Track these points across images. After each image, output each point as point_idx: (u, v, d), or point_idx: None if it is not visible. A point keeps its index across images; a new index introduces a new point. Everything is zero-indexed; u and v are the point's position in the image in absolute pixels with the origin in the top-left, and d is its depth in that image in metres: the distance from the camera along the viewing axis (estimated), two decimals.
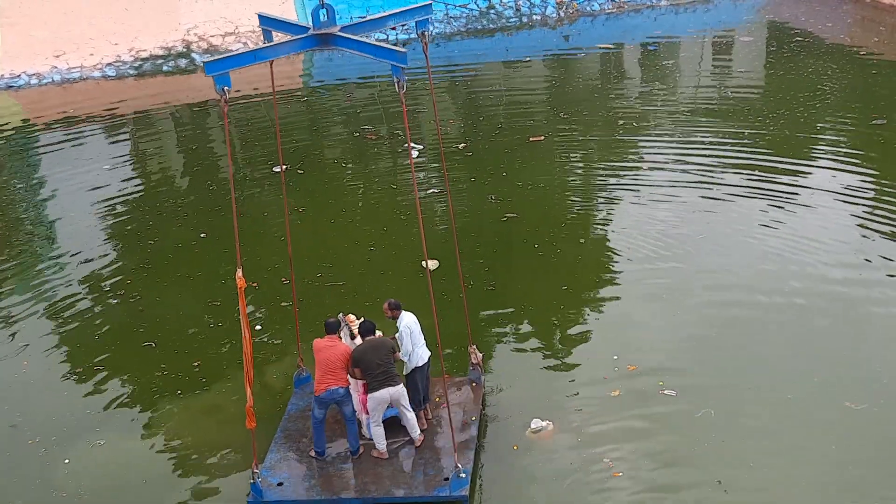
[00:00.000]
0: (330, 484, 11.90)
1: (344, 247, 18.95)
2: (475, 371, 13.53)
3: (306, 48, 10.83)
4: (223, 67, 9.97)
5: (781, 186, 20.23)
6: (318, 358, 12.01)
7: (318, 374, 11.98)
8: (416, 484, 11.73)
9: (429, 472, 11.86)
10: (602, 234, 18.86)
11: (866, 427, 12.65)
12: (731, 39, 33.87)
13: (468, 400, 13.14)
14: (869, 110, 24.78)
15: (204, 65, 10.10)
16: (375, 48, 10.39)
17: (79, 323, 16.85)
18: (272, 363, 15.16)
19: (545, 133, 24.61)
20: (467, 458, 11.97)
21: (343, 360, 11.95)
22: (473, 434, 12.47)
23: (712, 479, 11.90)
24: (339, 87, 30.83)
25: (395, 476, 11.89)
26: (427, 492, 11.58)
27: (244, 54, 10.46)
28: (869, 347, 14.44)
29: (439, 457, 12.06)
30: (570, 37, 35.57)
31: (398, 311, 12.58)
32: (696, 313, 15.69)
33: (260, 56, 10.55)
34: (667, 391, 13.62)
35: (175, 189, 23.26)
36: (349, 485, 11.86)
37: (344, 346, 12.26)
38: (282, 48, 10.71)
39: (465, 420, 12.70)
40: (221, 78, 9.93)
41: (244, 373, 11.20)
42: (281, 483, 11.93)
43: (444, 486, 11.55)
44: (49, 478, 12.91)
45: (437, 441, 12.37)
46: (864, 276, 16.48)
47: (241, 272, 10.85)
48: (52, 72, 33.06)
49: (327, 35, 10.55)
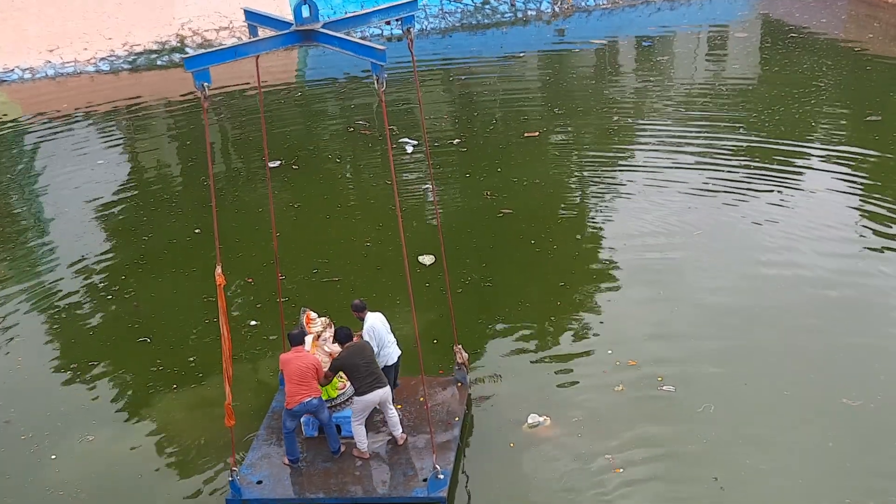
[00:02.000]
0: (310, 483, 11.84)
1: (339, 242, 18.91)
2: (460, 371, 13.44)
3: (288, 44, 10.76)
4: (202, 63, 9.91)
5: (777, 181, 20.27)
6: (288, 370, 11.77)
7: (290, 387, 11.75)
8: (396, 484, 11.69)
9: (408, 473, 11.82)
10: (598, 230, 18.85)
11: (863, 423, 12.66)
12: (726, 35, 33.87)
13: (452, 400, 13.07)
14: (863, 106, 24.80)
15: (184, 61, 10.04)
16: (355, 45, 10.34)
17: (73, 318, 16.79)
18: (268, 358, 15.10)
19: (540, 129, 24.60)
20: (447, 459, 11.89)
21: (314, 369, 11.78)
22: (456, 435, 12.41)
23: (709, 476, 11.91)
24: (334, 82, 30.74)
25: (375, 476, 11.85)
26: (406, 492, 11.54)
27: (224, 50, 10.32)
28: (865, 344, 14.45)
29: (420, 457, 12.01)
30: (565, 31, 35.55)
31: (363, 312, 12.65)
32: (693, 310, 15.69)
33: (241, 52, 10.43)
34: (666, 386, 13.61)
35: (169, 184, 23.19)
36: (329, 484, 11.79)
37: (312, 356, 12.11)
38: (263, 44, 10.61)
39: (448, 421, 12.64)
40: (201, 74, 9.86)
41: (223, 370, 11.08)
42: (260, 481, 11.85)
43: (422, 486, 11.51)
44: (40, 475, 12.86)
45: (417, 441, 12.32)
46: (860, 271, 16.52)
47: (221, 269, 10.75)
48: (46, 66, 32.92)
49: (309, 31, 10.51)
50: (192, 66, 9.85)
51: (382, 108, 10.84)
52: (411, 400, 12.99)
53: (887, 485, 11.63)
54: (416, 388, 12.96)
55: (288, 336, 12.11)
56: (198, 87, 9.88)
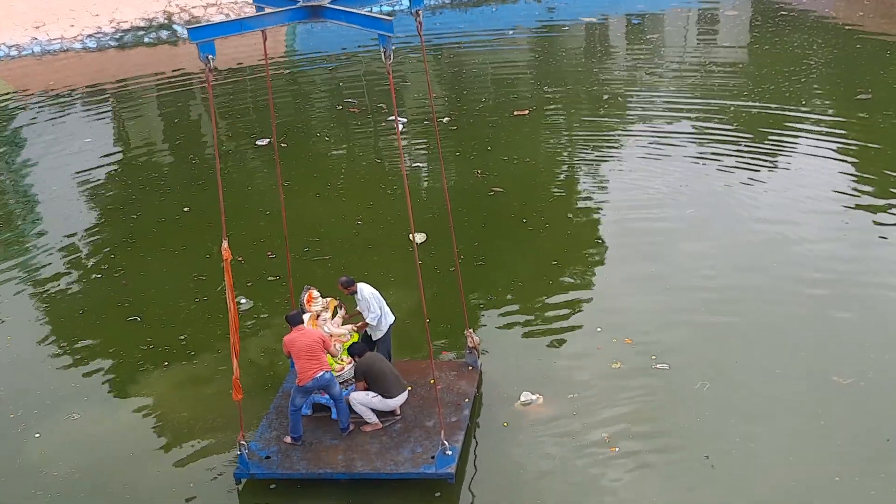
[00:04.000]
0: (318, 459, 11.87)
1: (330, 221, 18.84)
2: (472, 354, 13.46)
3: (295, 20, 10.75)
4: (208, 35, 9.76)
5: (768, 160, 20.28)
6: (295, 348, 11.79)
7: (300, 363, 11.77)
8: (403, 461, 11.70)
9: (416, 450, 11.83)
10: (589, 209, 18.82)
11: (854, 401, 12.69)
12: (717, 13, 33.79)
13: (463, 382, 13.09)
14: (854, 84, 24.79)
15: (188, 31, 9.88)
16: (363, 18, 10.32)
17: (62, 298, 16.69)
18: (258, 337, 15.06)
19: (529, 107, 24.52)
20: (456, 437, 11.92)
21: (321, 343, 11.85)
22: (466, 414, 12.42)
23: (700, 454, 11.91)
24: (322, 59, 30.59)
25: (383, 453, 11.86)
26: (413, 468, 11.56)
27: (230, 23, 10.26)
28: (856, 321, 14.48)
29: (428, 435, 12.03)
30: (555, 9, 35.40)
31: (354, 286, 12.77)
32: (686, 287, 15.67)
33: (247, 25, 10.41)
34: (659, 365, 13.61)
35: (157, 162, 23.05)
36: (337, 460, 11.83)
37: (316, 330, 12.20)
38: (269, 18, 10.59)
39: (458, 402, 12.66)
40: (206, 46, 9.68)
41: (230, 345, 11.12)
42: (269, 456, 11.89)
43: (430, 463, 11.53)
44: (24, 453, 12.80)
45: (427, 421, 12.34)
46: (851, 251, 16.53)
47: (227, 244, 10.72)
48: (32, 43, 32.67)
49: (317, 7, 10.48)
50: (196, 38, 9.69)
51: (389, 80, 10.79)
52: (422, 382, 12.99)
53: (878, 463, 11.66)
54: (426, 371, 12.94)
55: (286, 318, 12.09)
56: (202, 59, 9.70)
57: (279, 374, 13.82)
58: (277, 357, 14.04)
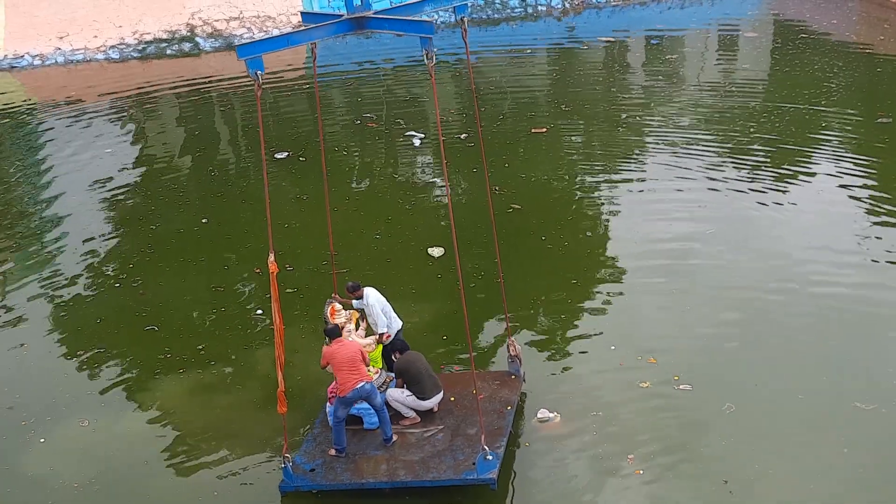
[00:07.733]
0: (361, 470, 11.96)
1: (349, 234, 18.84)
2: (514, 364, 13.48)
3: (340, 33, 11.10)
4: (256, 51, 10.06)
5: (788, 183, 20.16)
6: (336, 360, 11.89)
7: (341, 375, 11.87)
8: (446, 468, 11.72)
9: (458, 458, 11.85)
10: (608, 227, 18.78)
11: (876, 428, 12.53)
12: (736, 35, 33.78)
13: (505, 390, 13.13)
14: (874, 108, 24.70)
15: (236, 48, 10.15)
16: (406, 23, 10.78)
17: (80, 306, 16.78)
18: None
19: (547, 124, 24.54)
20: (498, 444, 11.91)
21: (360, 354, 11.97)
22: (508, 421, 12.47)
23: (718, 479, 11.81)
24: (342, 75, 30.70)
25: (426, 461, 11.91)
26: (455, 475, 11.58)
27: (277, 38, 10.53)
28: (878, 347, 14.32)
29: (471, 443, 12.02)
30: (574, 27, 35.48)
31: (360, 290, 12.96)
32: (706, 308, 15.57)
33: (293, 40, 10.74)
34: (682, 385, 13.53)
35: (177, 174, 23.16)
36: (380, 470, 11.91)
37: (355, 342, 12.32)
38: (315, 32, 10.86)
39: (501, 409, 12.69)
40: (254, 62, 10.01)
41: (275, 357, 11.27)
42: (313, 469, 11.98)
43: (471, 469, 11.52)
44: (30, 460, 12.87)
45: (470, 429, 12.33)
46: (871, 275, 16.39)
47: (274, 257, 10.81)
48: (56, 53, 32.94)
49: (361, 18, 10.79)
50: (244, 54, 10.01)
51: (432, 82, 11.01)
52: (465, 393, 13.02)
53: None
54: (469, 381, 12.95)
55: (325, 332, 12.28)
56: (251, 75, 9.97)
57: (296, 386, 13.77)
58: (292, 369, 13.99)
